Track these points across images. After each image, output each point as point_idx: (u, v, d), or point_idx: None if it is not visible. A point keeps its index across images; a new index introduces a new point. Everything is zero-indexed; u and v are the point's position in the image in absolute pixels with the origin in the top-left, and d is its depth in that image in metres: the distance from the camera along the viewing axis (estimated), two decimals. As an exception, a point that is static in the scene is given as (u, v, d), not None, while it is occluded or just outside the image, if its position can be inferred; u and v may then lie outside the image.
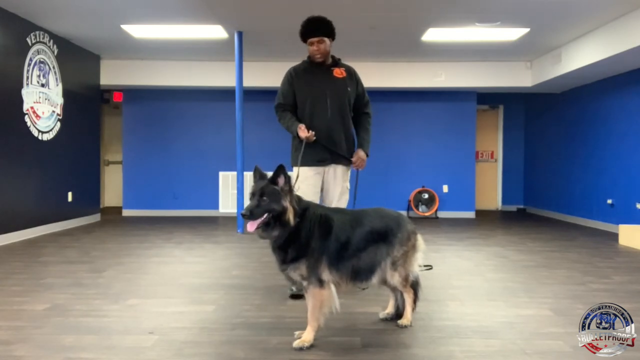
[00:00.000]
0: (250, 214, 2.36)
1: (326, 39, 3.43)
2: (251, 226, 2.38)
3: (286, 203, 2.40)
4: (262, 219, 2.38)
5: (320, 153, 3.40)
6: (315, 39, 3.40)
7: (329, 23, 3.45)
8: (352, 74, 3.57)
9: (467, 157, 8.69)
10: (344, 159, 3.48)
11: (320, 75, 3.50)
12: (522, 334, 2.66)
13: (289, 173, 2.49)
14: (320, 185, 3.47)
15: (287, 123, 3.48)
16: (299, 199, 2.53)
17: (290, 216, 2.41)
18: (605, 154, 7.15)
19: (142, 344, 2.48)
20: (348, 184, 3.57)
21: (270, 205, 2.38)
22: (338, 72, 3.51)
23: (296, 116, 3.50)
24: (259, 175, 2.48)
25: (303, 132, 3.32)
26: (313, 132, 3.33)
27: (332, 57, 3.57)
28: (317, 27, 3.41)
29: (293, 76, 3.52)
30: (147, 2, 5.31)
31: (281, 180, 2.41)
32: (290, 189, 2.44)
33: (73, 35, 6.66)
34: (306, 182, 3.39)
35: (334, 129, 3.43)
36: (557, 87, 8.09)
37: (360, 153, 3.50)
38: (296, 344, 2.42)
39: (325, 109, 3.43)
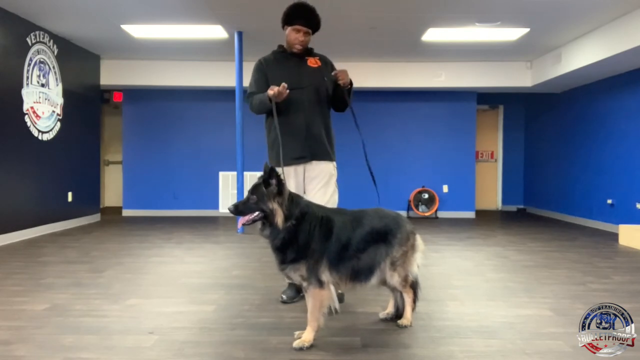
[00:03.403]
0: (234, 209, 2.43)
1: (310, 34, 3.22)
2: (240, 222, 2.46)
3: (272, 205, 2.40)
4: (252, 216, 2.43)
5: (298, 149, 3.14)
6: (304, 29, 3.16)
7: (320, 20, 3.22)
8: (327, 63, 3.31)
9: (467, 157, 8.69)
10: (326, 155, 3.21)
11: (294, 65, 3.23)
12: (522, 334, 2.66)
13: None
14: (301, 186, 3.19)
15: (258, 100, 3.14)
16: (295, 201, 2.50)
17: (278, 220, 2.41)
18: (605, 154, 7.15)
19: (142, 344, 2.48)
20: (335, 186, 3.27)
21: (257, 205, 2.41)
22: (312, 62, 3.25)
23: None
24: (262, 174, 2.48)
25: (273, 90, 2.95)
26: (284, 85, 2.93)
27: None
28: (310, 17, 3.16)
29: (264, 65, 3.27)
30: (147, 2, 5.31)
31: (272, 182, 2.42)
32: (280, 192, 2.43)
33: (73, 35, 6.66)
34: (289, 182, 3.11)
35: (312, 122, 3.16)
36: (557, 87, 8.09)
37: (344, 72, 3.15)
38: (296, 344, 2.42)
39: (303, 102, 3.13)
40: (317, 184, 3.18)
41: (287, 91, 2.98)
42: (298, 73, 3.21)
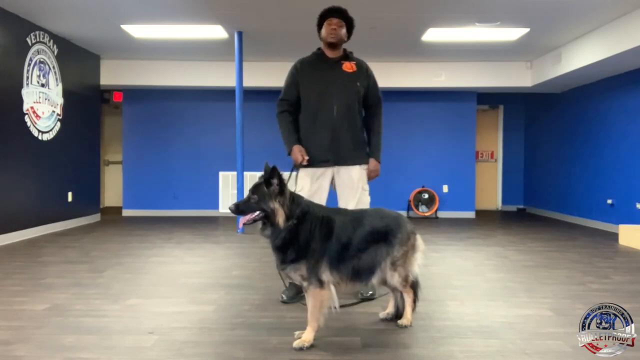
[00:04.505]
0: (235, 209, 2.44)
1: (344, 27, 3.29)
2: (241, 221, 2.47)
3: (273, 205, 2.40)
4: (253, 216, 2.43)
5: (324, 154, 3.24)
6: (335, 20, 3.25)
7: (352, 18, 3.35)
8: (363, 68, 3.35)
9: (467, 157, 8.69)
10: (352, 159, 3.29)
11: (328, 68, 3.29)
12: (522, 334, 2.66)
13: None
14: (325, 187, 3.29)
15: (283, 133, 3.31)
16: (297, 201, 2.50)
17: (280, 219, 2.41)
18: (605, 154, 7.15)
19: (142, 344, 2.48)
20: (366, 186, 3.37)
21: (258, 205, 2.42)
22: (348, 66, 3.30)
23: (296, 122, 3.32)
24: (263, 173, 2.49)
25: (296, 156, 3.19)
26: (307, 159, 3.19)
27: (344, 49, 3.40)
28: (340, 11, 3.29)
29: (298, 69, 3.33)
30: (147, 2, 5.31)
31: (274, 182, 2.42)
32: (282, 192, 2.43)
33: (73, 35, 6.66)
34: (309, 183, 3.24)
35: (339, 129, 3.23)
36: (557, 87, 8.09)
37: (372, 163, 3.33)
38: (296, 344, 2.42)
39: (331, 106, 3.22)
40: (345, 189, 3.29)
41: (306, 164, 3.20)
42: (329, 78, 3.27)
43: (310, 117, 3.28)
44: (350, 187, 3.28)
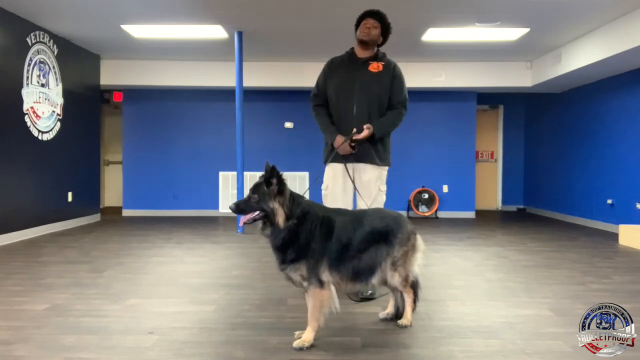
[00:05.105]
0: (235, 208, 2.45)
1: (379, 29, 3.31)
2: (241, 220, 2.48)
3: (273, 205, 2.41)
4: (253, 215, 2.44)
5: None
6: (371, 20, 3.29)
7: (389, 23, 3.38)
8: (389, 68, 3.36)
9: (467, 157, 8.69)
10: (372, 159, 3.30)
11: (354, 68, 3.34)
12: (522, 334, 2.66)
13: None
14: (348, 182, 3.32)
15: (322, 125, 3.38)
16: (297, 201, 2.50)
17: (280, 219, 2.42)
18: (605, 154, 7.15)
19: (142, 344, 2.49)
20: (384, 186, 3.39)
21: (258, 204, 2.42)
22: (374, 67, 3.33)
23: (331, 117, 3.37)
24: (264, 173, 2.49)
25: (338, 142, 3.21)
26: (351, 146, 3.18)
27: (377, 50, 3.42)
28: (378, 13, 3.32)
29: (328, 68, 3.43)
30: (147, 2, 5.30)
31: (273, 182, 2.42)
32: (281, 192, 2.43)
33: (73, 35, 6.66)
34: (333, 179, 3.32)
35: (360, 127, 3.22)
36: (557, 87, 8.09)
37: (367, 128, 3.17)
38: (296, 344, 2.42)
39: (352, 105, 3.28)
40: (362, 187, 3.31)
41: (353, 152, 3.22)
42: (354, 77, 3.31)
43: (334, 116, 3.36)
44: (366, 186, 3.31)
